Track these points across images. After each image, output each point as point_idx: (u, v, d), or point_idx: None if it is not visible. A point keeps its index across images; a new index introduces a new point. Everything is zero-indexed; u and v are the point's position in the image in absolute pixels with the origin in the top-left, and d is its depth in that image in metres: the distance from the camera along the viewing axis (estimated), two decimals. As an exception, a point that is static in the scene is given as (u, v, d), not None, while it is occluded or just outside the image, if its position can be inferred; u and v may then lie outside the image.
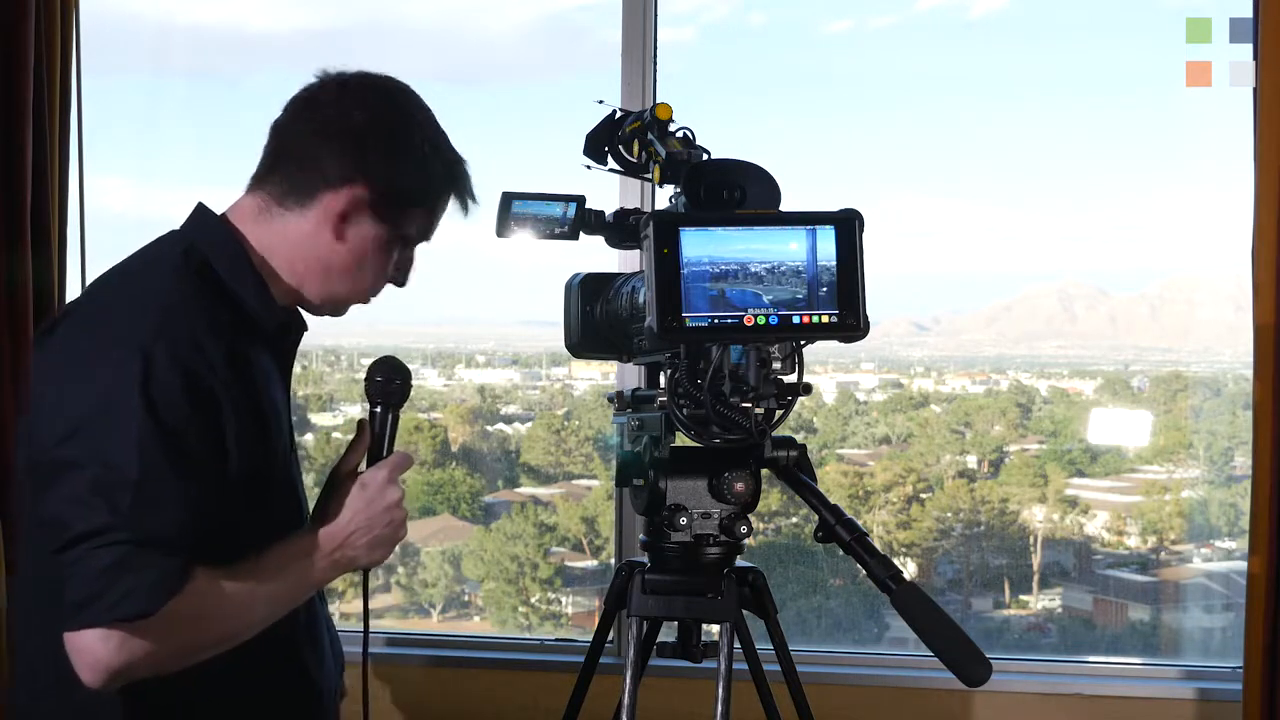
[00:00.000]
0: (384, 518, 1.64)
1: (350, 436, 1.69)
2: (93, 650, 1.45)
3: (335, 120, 1.68)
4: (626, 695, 1.97)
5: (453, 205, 1.76)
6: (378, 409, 1.69)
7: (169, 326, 1.54)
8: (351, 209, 1.67)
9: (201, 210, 1.73)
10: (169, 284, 1.61)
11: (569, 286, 2.09)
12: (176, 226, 1.73)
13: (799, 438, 1.83)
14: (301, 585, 1.63)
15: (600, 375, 4.18)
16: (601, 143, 2.02)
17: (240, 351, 1.60)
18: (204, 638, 1.54)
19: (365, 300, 1.77)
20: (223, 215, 1.72)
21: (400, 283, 1.78)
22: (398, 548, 1.74)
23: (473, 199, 1.77)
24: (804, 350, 1.79)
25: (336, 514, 1.63)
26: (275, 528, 1.63)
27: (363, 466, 1.68)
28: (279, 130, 1.71)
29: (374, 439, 1.68)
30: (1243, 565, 3.11)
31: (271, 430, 1.64)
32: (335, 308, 1.77)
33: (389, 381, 1.69)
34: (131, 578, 1.44)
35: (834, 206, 1.73)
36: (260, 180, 1.71)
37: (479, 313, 4.49)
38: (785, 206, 1.83)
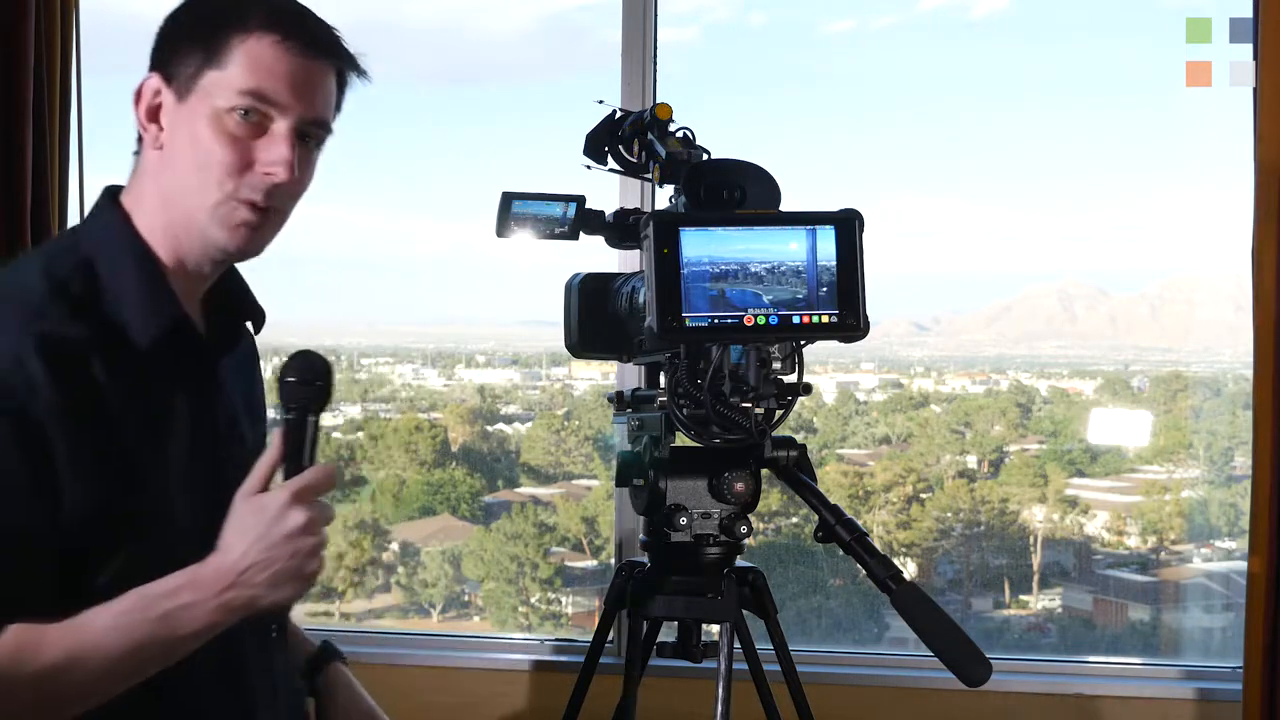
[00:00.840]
0: (285, 548, 1.32)
1: (350, 437, 1.58)
2: None
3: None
4: (626, 695, 1.97)
5: (267, 37, 1.45)
6: (290, 415, 1.37)
7: None
8: (151, 107, 1.48)
9: (99, 200, 1.54)
10: (5, 301, 1.40)
11: (569, 286, 2.09)
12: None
13: (799, 438, 1.83)
14: (175, 635, 1.33)
15: (600, 375, 4.18)
16: (601, 143, 2.02)
17: (98, 370, 1.38)
18: (18, 705, 1.31)
19: (236, 206, 1.46)
20: (119, 199, 1.53)
21: (273, 172, 1.46)
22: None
23: (282, 13, 1.48)
24: (804, 350, 1.79)
25: (230, 546, 1.33)
26: (164, 566, 1.35)
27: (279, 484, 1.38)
28: None
29: (286, 451, 1.36)
30: (1243, 565, 3.11)
31: (128, 463, 1.39)
32: (211, 229, 1.47)
33: (305, 383, 1.37)
34: None
35: (834, 206, 1.73)
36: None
37: (479, 313, 4.49)
38: (785, 206, 1.83)
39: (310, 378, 1.38)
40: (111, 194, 1.54)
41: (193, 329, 1.51)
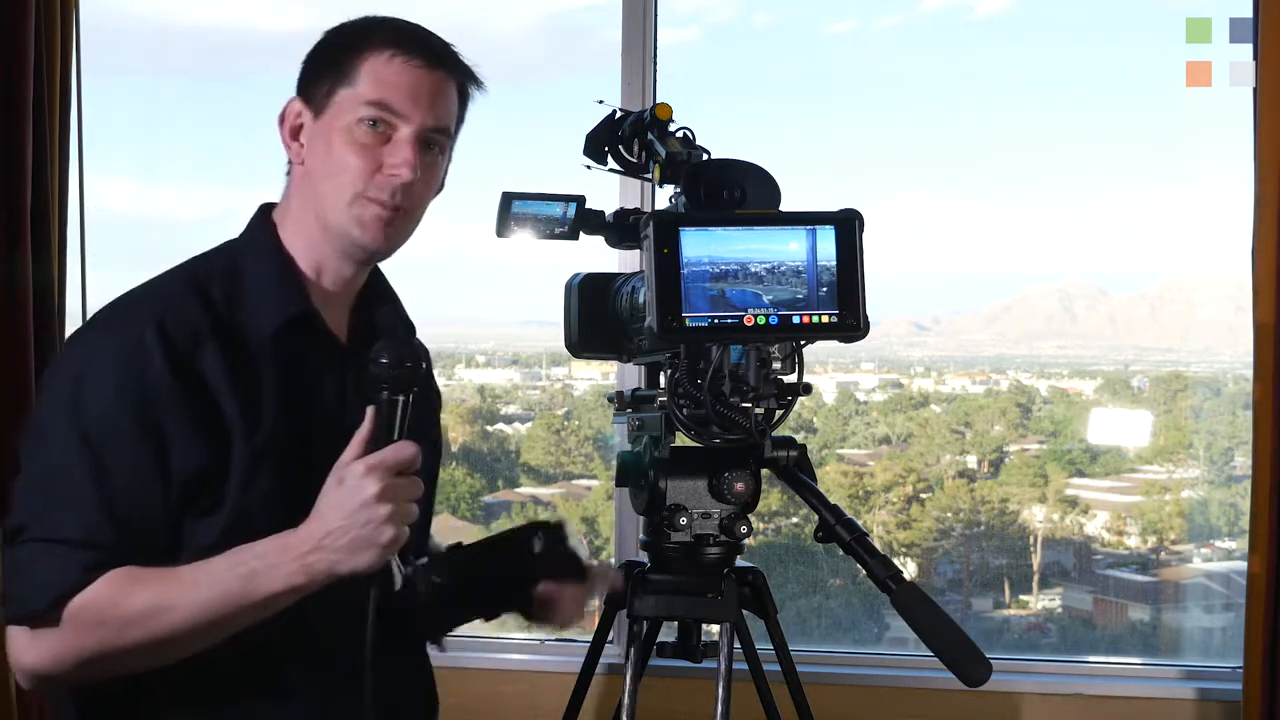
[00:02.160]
0: (360, 515, 1.44)
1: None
2: (10, 647, 1.49)
3: None
4: (626, 695, 1.97)
5: (386, 53, 1.62)
6: (383, 395, 1.51)
7: (117, 331, 1.55)
8: (294, 127, 1.66)
9: (254, 215, 1.72)
10: (141, 292, 1.63)
11: (569, 286, 2.09)
12: (183, 228, 1.74)
13: (799, 438, 1.83)
14: (258, 592, 1.46)
15: (600, 375, 4.18)
16: (601, 143, 2.02)
17: (211, 352, 1.55)
18: (116, 643, 1.47)
19: (367, 205, 1.62)
20: (270, 215, 1.72)
21: (397, 171, 1.61)
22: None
23: (400, 33, 1.65)
24: (804, 350, 1.79)
25: (318, 513, 1.47)
26: (241, 534, 1.50)
27: None
28: None
29: (376, 429, 1.50)
30: (1243, 565, 3.11)
31: (229, 434, 1.54)
32: (348, 229, 1.63)
33: (396, 365, 1.51)
34: (30, 577, 1.46)
35: (834, 206, 1.73)
36: None
37: (479, 313, 4.49)
38: (786, 206, 1.83)
39: (400, 360, 1.51)
40: (264, 209, 1.72)
41: (320, 323, 1.65)
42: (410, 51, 1.63)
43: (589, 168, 2.04)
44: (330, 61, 1.65)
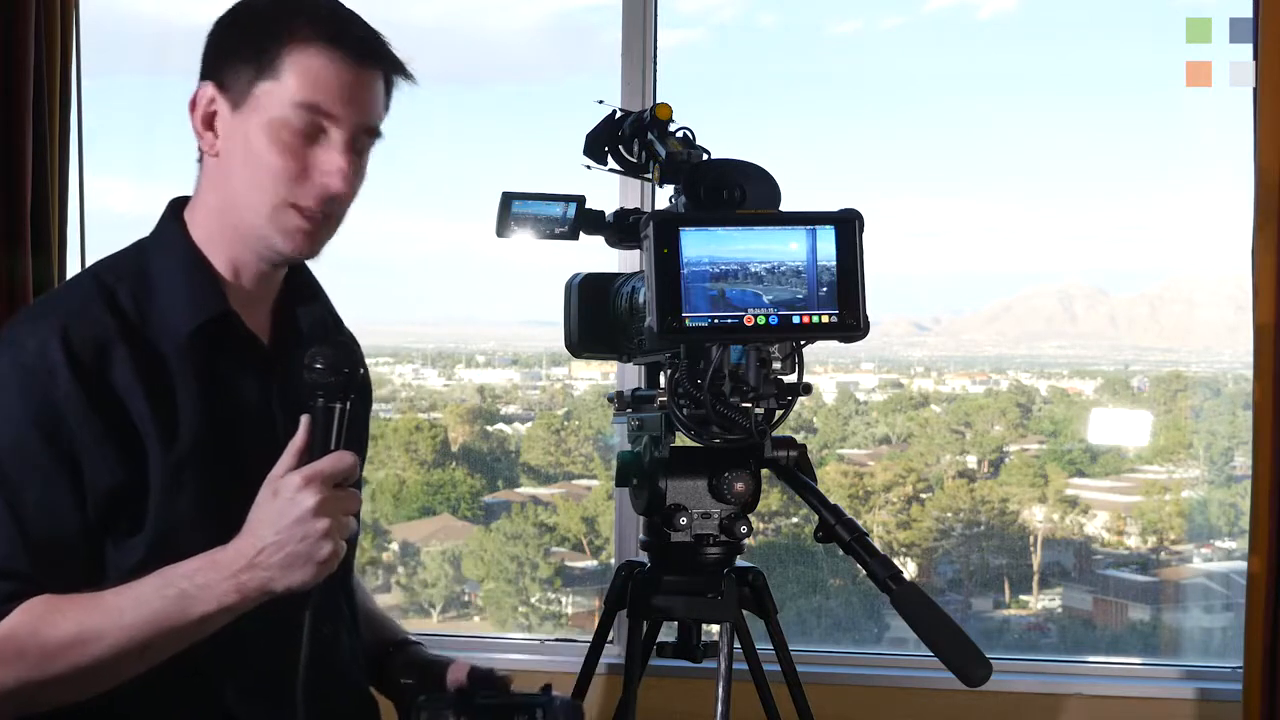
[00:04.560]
0: (296, 530, 1.34)
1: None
2: None
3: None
4: (626, 695, 1.97)
5: (313, 46, 1.48)
6: (317, 402, 1.41)
7: (18, 346, 1.44)
8: (206, 115, 1.52)
9: (164, 213, 1.61)
10: (43, 301, 1.57)
11: (569, 286, 2.09)
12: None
13: (799, 438, 1.83)
14: (190, 613, 1.36)
15: (600, 375, 4.18)
16: (601, 143, 2.02)
17: (120, 359, 1.45)
18: (37, 675, 1.37)
19: (292, 213, 1.51)
20: (181, 213, 1.60)
21: (328, 182, 1.50)
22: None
23: (326, 21, 1.50)
24: (804, 350, 1.79)
25: (250, 528, 1.38)
26: (167, 552, 1.41)
27: None
28: None
29: (311, 438, 1.40)
30: (1243, 565, 3.11)
31: (144, 446, 1.45)
32: (270, 236, 1.52)
33: (332, 370, 1.41)
34: None
35: (834, 206, 1.73)
36: None
37: (479, 313, 4.49)
38: (786, 206, 1.83)
39: (337, 365, 1.42)
40: (174, 205, 1.61)
41: (239, 324, 1.55)
42: (339, 44, 1.49)
43: (589, 168, 2.03)
44: (248, 45, 1.50)
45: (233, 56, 1.51)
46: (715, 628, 1.99)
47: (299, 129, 1.49)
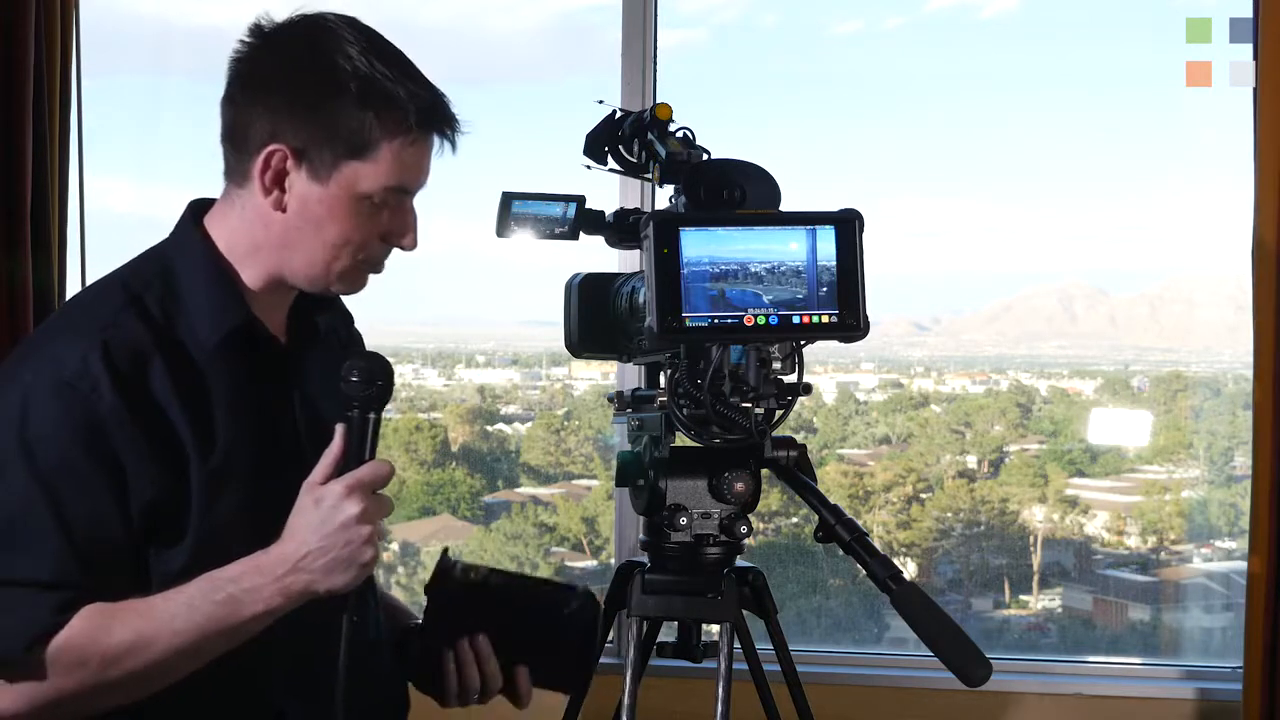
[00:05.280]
0: (340, 536, 1.42)
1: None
2: None
3: (253, 78, 1.54)
4: (626, 695, 1.97)
5: (411, 135, 1.52)
6: (353, 413, 1.47)
7: (53, 356, 1.46)
8: (278, 173, 1.52)
9: (183, 216, 1.62)
10: (76, 309, 1.57)
11: (569, 286, 2.09)
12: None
13: (799, 438, 1.83)
14: (238, 616, 1.43)
15: (600, 375, 4.19)
16: (601, 143, 2.02)
17: (159, 370, 1.47)
18: (97, 681, 1.42)
19: (358, 268, 1.58)
20: (201, 219, 1.61)
21: (405, 244, 1.58)
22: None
23: (452, 129, 1.56)
24: (804, 350, 1.79)
25: (292, 534, 1.44)
26: (210, 557, 1.46)
27: None
28: (221, 102, 1.58)
29: (347, 447, 1.46)
30: (1243, 565, 3.11)
31: (187, 458, 1.47)
32: (327, 283, 1.58)
33: (367, 382, 1.47)
34: (1, 623, 1.40)
35: (834, 206, 1.73)
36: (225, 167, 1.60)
37: (479, 313, 4.49)
38: (786, 206, 1.83)
39: (371, 377, 1.48)
40: (194, 209, 1.62)
41: (260, 328, 1.58)
42: (439, 135, 1.55)
43: (589, 168, 2.03)
44: (337, 121, 1.50)
45: (313, 127, 1.51)
46: (715, 628, 1.99)
47: (380, 203, 1.54)
